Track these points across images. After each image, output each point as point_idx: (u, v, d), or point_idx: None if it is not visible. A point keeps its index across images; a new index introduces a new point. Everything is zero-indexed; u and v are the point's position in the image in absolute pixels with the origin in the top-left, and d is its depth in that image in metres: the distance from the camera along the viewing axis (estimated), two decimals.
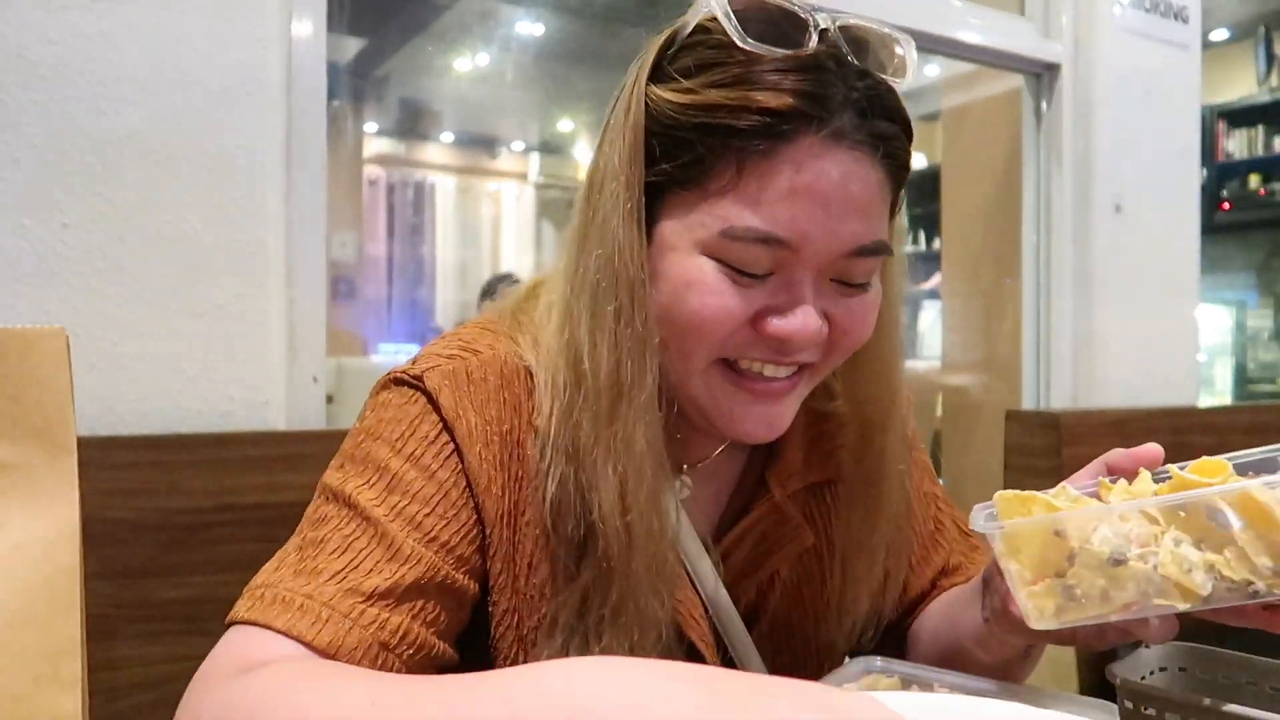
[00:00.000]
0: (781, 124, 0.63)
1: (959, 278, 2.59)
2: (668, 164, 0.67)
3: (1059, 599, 0.59)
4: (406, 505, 0.67)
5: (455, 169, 7.03)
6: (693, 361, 0.69)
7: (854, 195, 0.65)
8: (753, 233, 0.64)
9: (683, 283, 0.67)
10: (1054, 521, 0.59)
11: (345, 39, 4.60)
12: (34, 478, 0.48)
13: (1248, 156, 5.05)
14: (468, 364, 0.73)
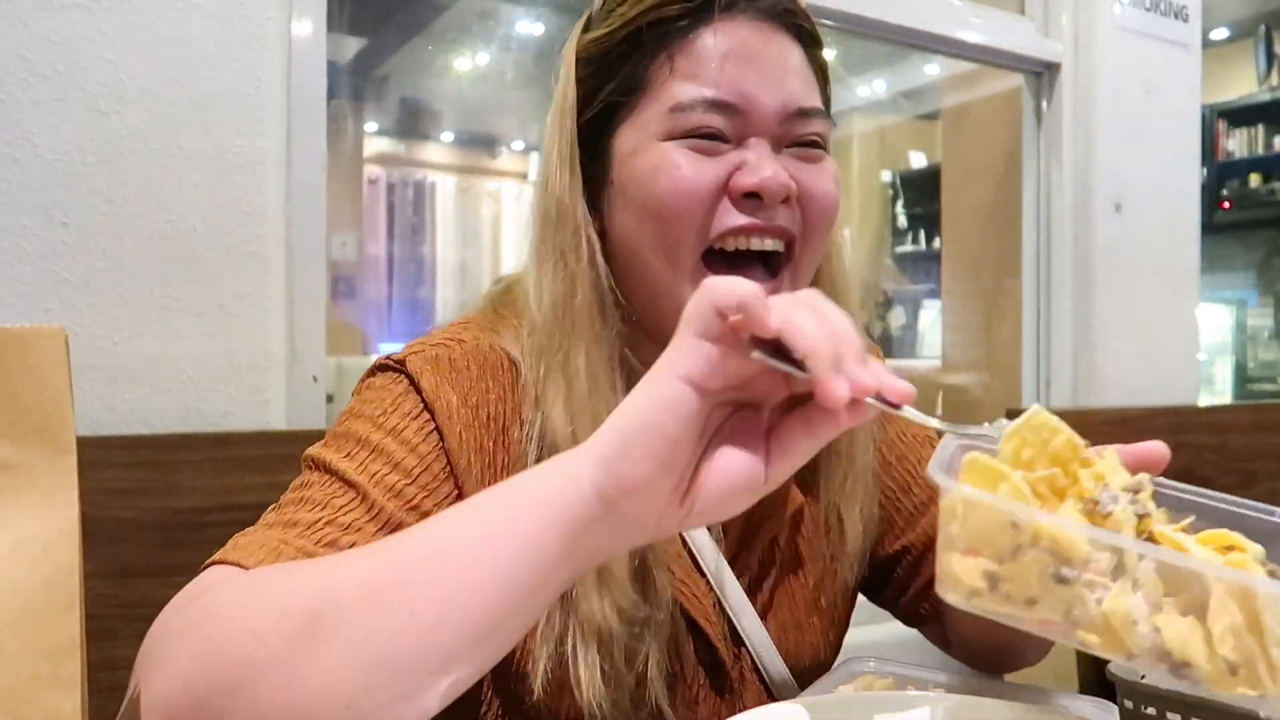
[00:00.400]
0: (694, 4, 0.72)
1: (959, 277, 2.59)
2: (609, 84, 0.75)
3: (981, 585, 0.54)
4: (387, 474, 0.67)
5: (455, 168, 7.03)
6: (680, 258, 0.72)
7: (777, 56, 0.73)
8: (697, 100, 0.71)
9: (649, 170, 0.72)
10: (1014, 514, 0.53)
11: (345, 39, 4.59)
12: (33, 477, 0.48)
13: (1248, 155, 5.05)
14: (450, 351, 0.75)
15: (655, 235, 0.72)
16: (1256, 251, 5.18)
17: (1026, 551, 0.52)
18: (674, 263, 0.72)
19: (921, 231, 5.29)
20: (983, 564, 0.54)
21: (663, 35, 0.73)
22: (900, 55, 3.86)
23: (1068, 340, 2.23)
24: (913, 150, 5.63)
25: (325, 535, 0.63)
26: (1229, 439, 2.10)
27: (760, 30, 0.73)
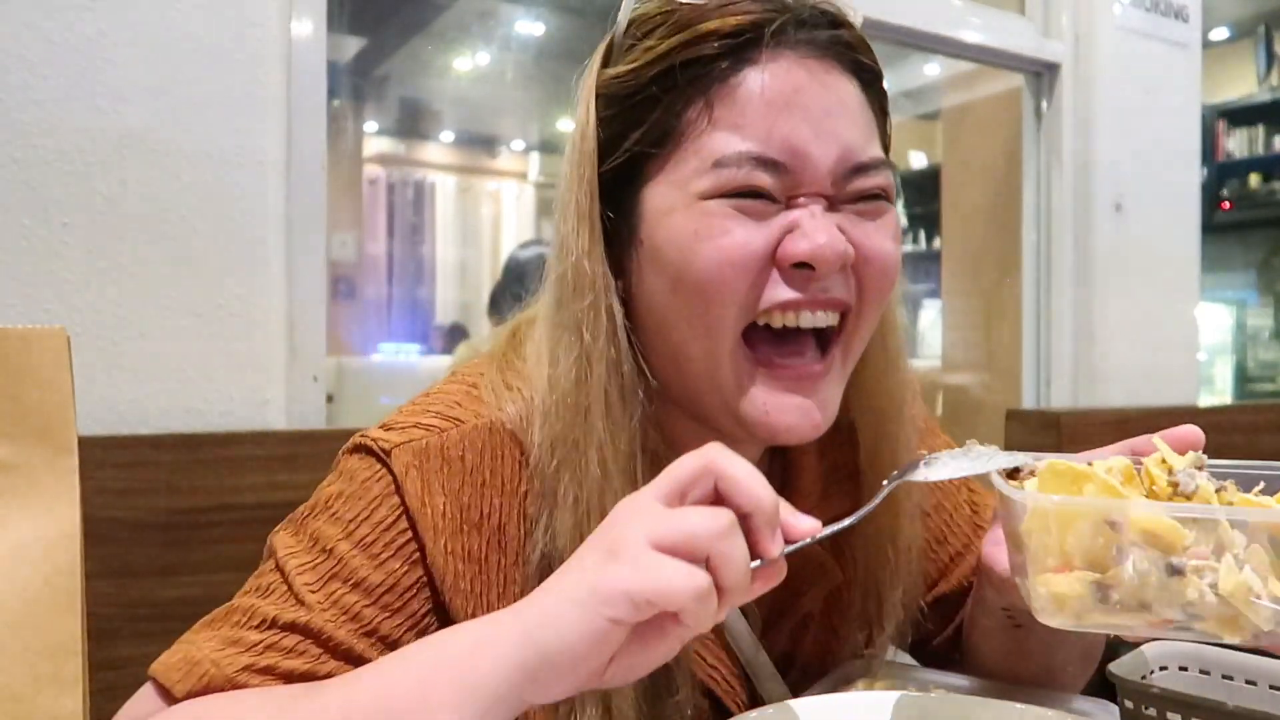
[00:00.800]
0: (738, 41, 0.62)
1: (959, 277, 2.59)
2: (635, 132, 0.65)
3: (1086, 598, 0.50)
4: (345, 594, 0.62)
5: (455, 168, 7.03)
6: (719, 335, 0.64)
7: (831, 101, 0.63)
8: (744, 156, 0.62)
9: (689, 234, 0.62)
10: (1112, 508, 0.50)
11: (345, 38, 4.59)
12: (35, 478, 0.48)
13: (1248, 155, 5.05)
14: (445, 439, 0.66)
15: (692, 307, 0.63)
16: (1256, 251, 5.18)
17: (1129, 551, 0.49)
18: (713, 339, 0.64)
19: (921, 231, 5.29)
20: (1083, 576, 0.50)
21: (700, 77, 0.62)
22: (900, 55, 3.86)
23: (1068, 340, 2.23)
24: (913, 150, 5.62)
25: (264, 660, 0.60)
26: (1229, 439, 2.10)
27: (812, 70, 0.63)
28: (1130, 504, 0.50)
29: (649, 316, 0.67)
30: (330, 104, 1.41)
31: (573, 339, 0.64)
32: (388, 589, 0.63)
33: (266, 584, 0.64)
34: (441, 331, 6.00)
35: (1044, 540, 0.51)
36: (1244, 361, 5.18)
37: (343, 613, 0.62)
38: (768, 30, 0.62)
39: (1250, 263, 5.21)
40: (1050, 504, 0.51)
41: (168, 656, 0.61)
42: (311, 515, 0.66)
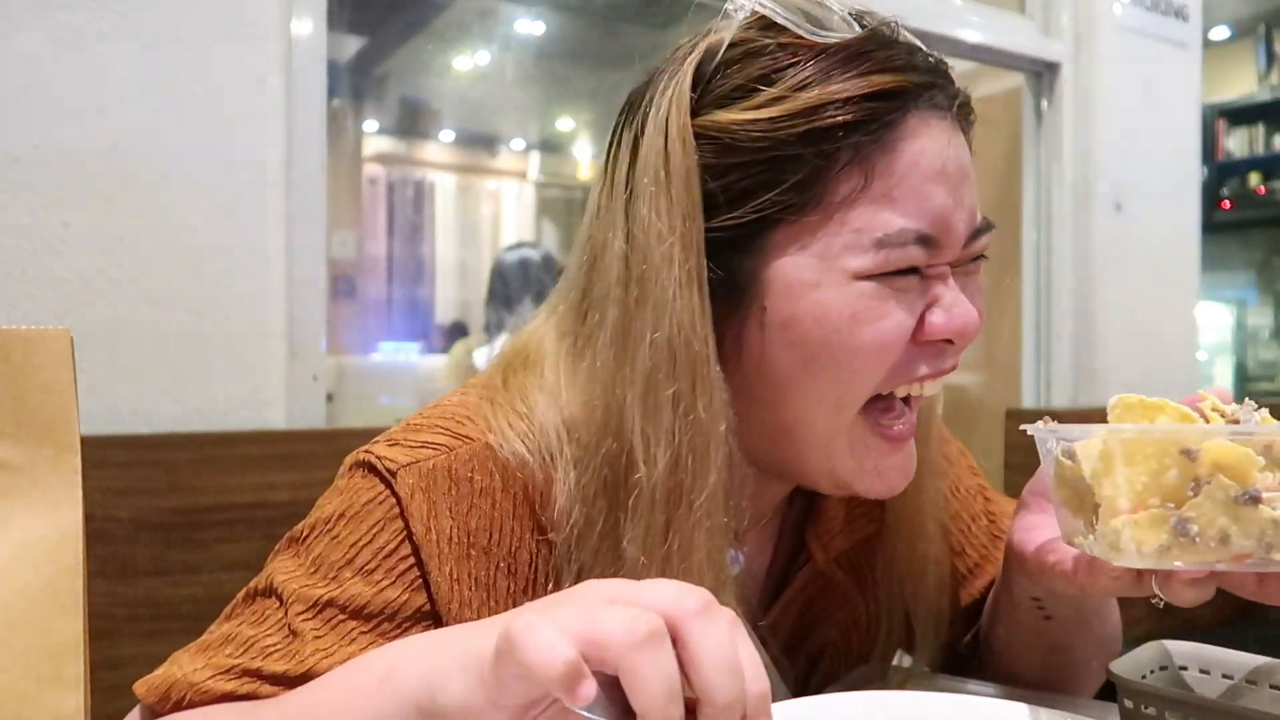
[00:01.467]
0: (893, 105, 0.58)
1: None
2: (768, 193, 0.58)
3: (1168, 535, 0.49)
4: (342, 620, 0.60)
5: (455, 168, 7.03)
6: (847, 409, 0.61)
7: (965, 167, 0.61)
8: (908, 234, 0.58)
9: (846, 317, 0.58)
10: (1186, 435, 0.49)
11: (345, 38, 4.59)
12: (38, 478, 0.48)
13: (1248, 155, 5.04)
14: (452, 459, 0.62)
15: (828, 384, 0.60)
16: (1256, 251, 5.18)
17: (1204, 483, 0.49)
18: (840, 413, 0.61)
19: None
20: (1163, 513, 0.50)
21: (851, 141, 0.57)
22: None
23: (1068, 339, 2.23)
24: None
25: (246, 685, 0.58)
26: None
27: (950, 135, 0.60)
28: (1206, 430, 0.50)
29: (758, 386, 0.63)
30: (330, 103, 1.41)
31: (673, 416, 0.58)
32: (386, 617, 0.61)
33: (262, 611, 0.62)
34: (441, 330, 6.01)
35: (1115, 481, 0.50)
36: (1244, 361, 5.19)
37: (339, 638, 0.60)
38: (917, 98, 0.59)
39: (1250, 262, 5.22)
40: (1127, 434, 0.50)
41: (151, 676, 0.61)
42: (313, 536, 0.63)
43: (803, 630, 0.74)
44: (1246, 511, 0.48)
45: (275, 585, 0.62)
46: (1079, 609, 0.73)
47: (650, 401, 0.58)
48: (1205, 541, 0.49)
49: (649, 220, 0.59)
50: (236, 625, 0.62)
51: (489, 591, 0.62)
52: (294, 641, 0.59)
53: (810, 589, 0.74)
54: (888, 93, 0.57)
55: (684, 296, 0.58)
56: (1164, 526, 0.50)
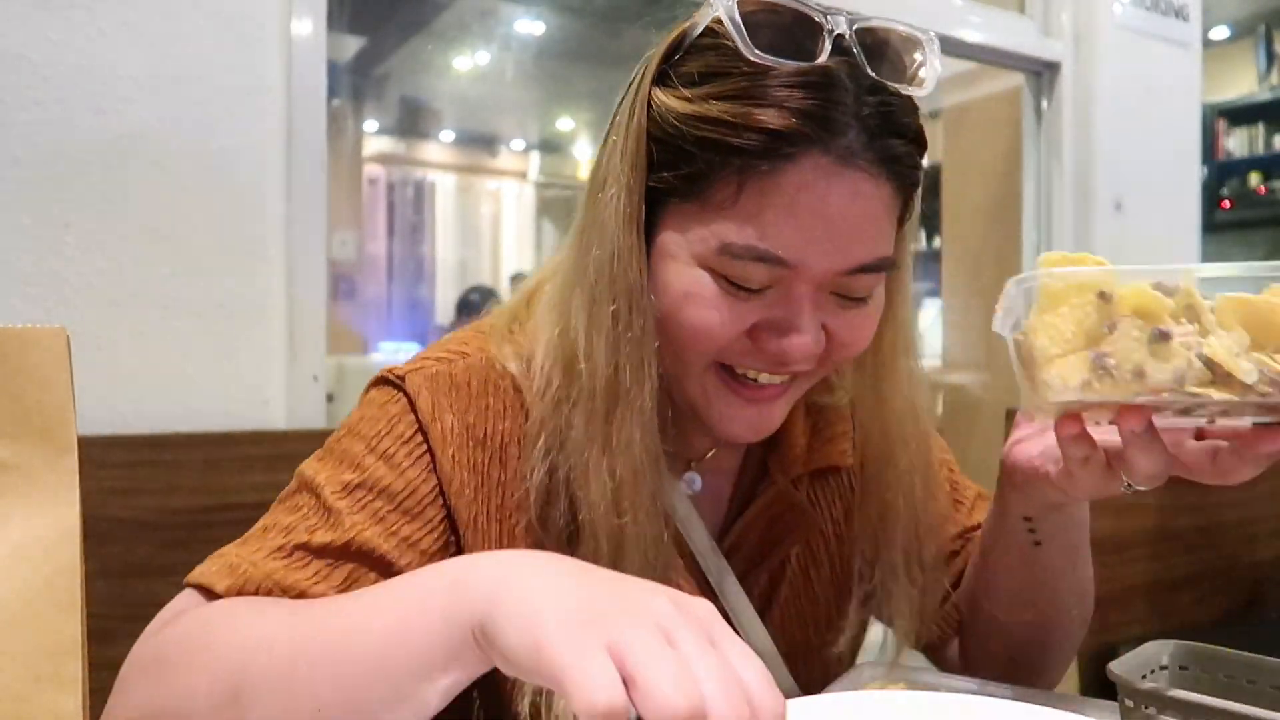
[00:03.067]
0: (785, 145, 0.61)
1: (959, 276, 2.59)
2: (668, 172, 0.66)
3: (1088, 371, 0.55)
4: (371, 500, 0.68)
5: (455, 167, 7.03)
6: (689, 368, 0.70)
7: (859, 216, 0.64)
8: (751, 251, 0.63)
9: (680, 293, 0.66)
10: (1101, 279, 0.54)
11: (345, 38, 4.60)
12: (35, 478, 0.48)
13: (1248, 155, 5.04)
14: (453, 368, 0.73)
15: (669, 342, 0.68)
16: (1256, 251, 5.17)
17: (1120, 323, 0.54)
18: (683, 365, 0.70)
19: (921, 230, 5.29)
20: (1081, 355, 0.55)
21: (735, 161, 0.62)
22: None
23: None
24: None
25: (297, 559, 0.65)
26: None
27: (849, 184, 0.63)
28: (1118, 272, 0.55)
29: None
30: (330, 103, 1.41)
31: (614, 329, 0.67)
32: (408, 494, 0.69)
33: (295, 503, 0.69)
34: (441, 331, 6.01)
35: (1047, 333, 0.55)
36: None
37: (369, 515, 0.67)
38: (818, 145, 0.61)
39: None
40: (1048, 278, 0.55)
41: (205, 566, 0.66)
42: (336, 441, 0.72)
43: (764, 548, 0.81)
44: (1159, 348, 0.53)
45: (306, 480, 0.70)
46: (1066, 537, 0.79)
47: (594, 314, 0.67)
48: (1122, 375, 0.54)
49: (610, 164, 0.68)
50: (274, 518, 0.68)
51: (483, 478, 0.71)
52: (331, 516, 0.66)
53: (772, 509, 0.81)
54: (782, 133, 0.61)
55: (624, 233, 0.66)
56: (1085, 363, 0.55)
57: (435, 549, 0.70)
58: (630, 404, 0.67)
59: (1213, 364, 0.53)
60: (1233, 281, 0.56)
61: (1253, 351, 0.53)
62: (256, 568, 0.64)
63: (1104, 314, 0.54)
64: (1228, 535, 2.05)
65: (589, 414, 0.68)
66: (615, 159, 0.68)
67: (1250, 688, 0.67)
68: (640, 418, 0.67)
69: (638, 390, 0.67)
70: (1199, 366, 0.53)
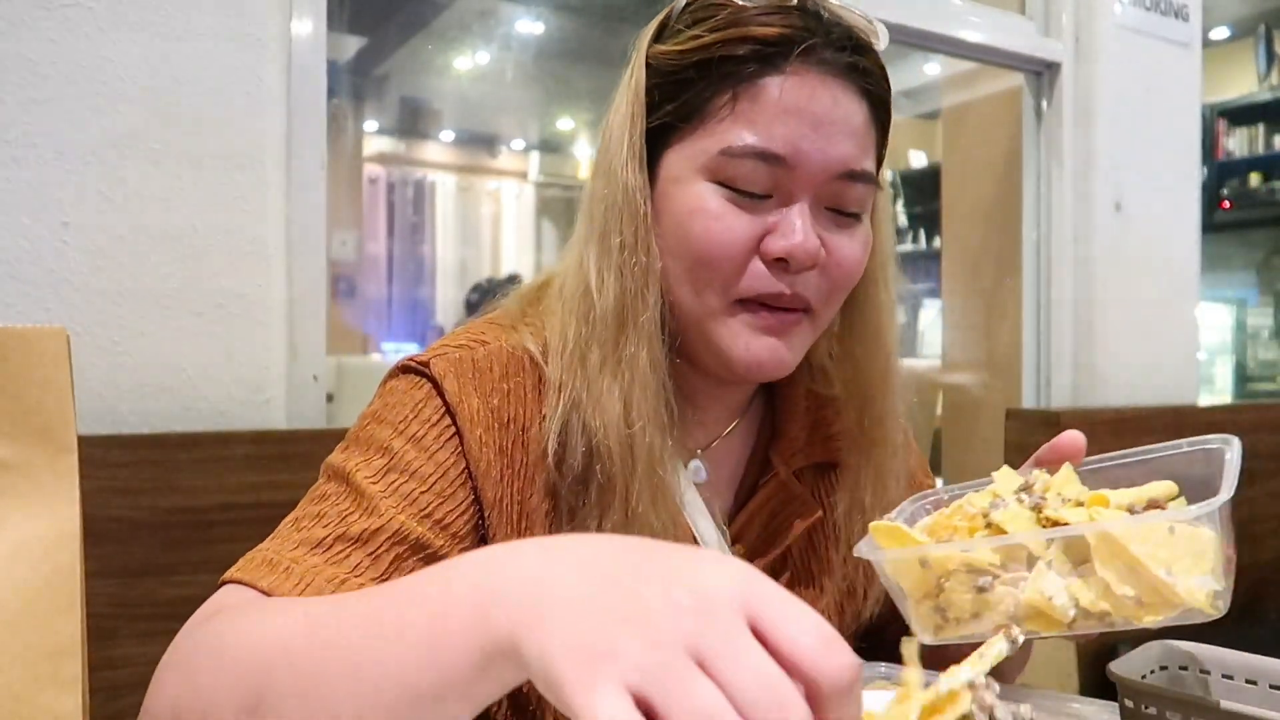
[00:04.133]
0: (770, 49, 0.70)
1: (959, 276, 2.59)
2: (669, 105, 0.73)
3: (937, 620, 0.63)
4: (404, 483, 0.69)
5: (455, 167, 7.03)
6: (709, 299, 0.73)
7: (840, 116, 0.71)
8: (749, 149, 0.70)
9: (686, 210, 0.71)
10: (917, 554, 0.62)
11: (345, 37, 4.59)
12: (35, 477, 0.48)
13: (1248, 155, 5.04)
14: (474, 353, 0.75)
15: (686, 271, 0.73)
16: (1256, 251, 5.17)
17: (946, 579, 0.61)
18: (703, 301, 0.73)
19: (921, 231, 5.29)
20: (929, 604, 0.63)
21: (731, 73, 0.71)
22: (900, 54, 3.86)
23: (1068, 339, 2.23)
24: (913, 149, 5.62)
25: (336, 552, 0.65)
26: None
27: (828, 86, 0.71)
28: (927, 548, 0.62)
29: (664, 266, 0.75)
30: (330, 103, 1.41)
31: (625, 257, 0.72)
32: (440, 476, 0.70)
33: (324, 491, 0.70)
34: (441, 331, 6.01)
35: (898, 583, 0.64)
36: (1244, 361, 5.18)
37: (403, 499, 0.68)
38: (797, 47, 0.70)
39: (1250, 262, 5.21)
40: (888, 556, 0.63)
41: (242, 563, 0.66)
42: (361, 429, 0.73)
43: (768, 538, 0.83)
44: (985, 598, 0.60)
45: (335, 469, 0.71)
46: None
47: (603, 245, 0.73)
48: (963, 621, 0.62)
49: (615, 118, 0.75)
50: (304, 509, 0.69)
51: (508, 460, 0.73)
52: (365, 501, 0.67)
53: (774, 499, 0.83)
54: (768, 40, 0.70)
55: (628, 171, 0.73)
56: (932, 614, 0.63)
57: (466, 530, 0.71)
58: (636, 323, 0.72)
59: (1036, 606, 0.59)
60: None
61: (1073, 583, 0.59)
62: (298, 563, 0.64)
63: (928, 574, 0.62)
64: None
65: (602, 341, 0.72)
66: (615, 117, 0.75)
67: (1250, 688, 0.67)
68: (644, 333, 0.72)
69: (643, 308, 0.72)
70: (1024, 606, 0.59)
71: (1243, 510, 1.90)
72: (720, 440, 0.84)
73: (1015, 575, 0.59)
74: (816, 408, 0.87)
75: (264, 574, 0.63)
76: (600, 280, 0.73)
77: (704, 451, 0.83)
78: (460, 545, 0.71)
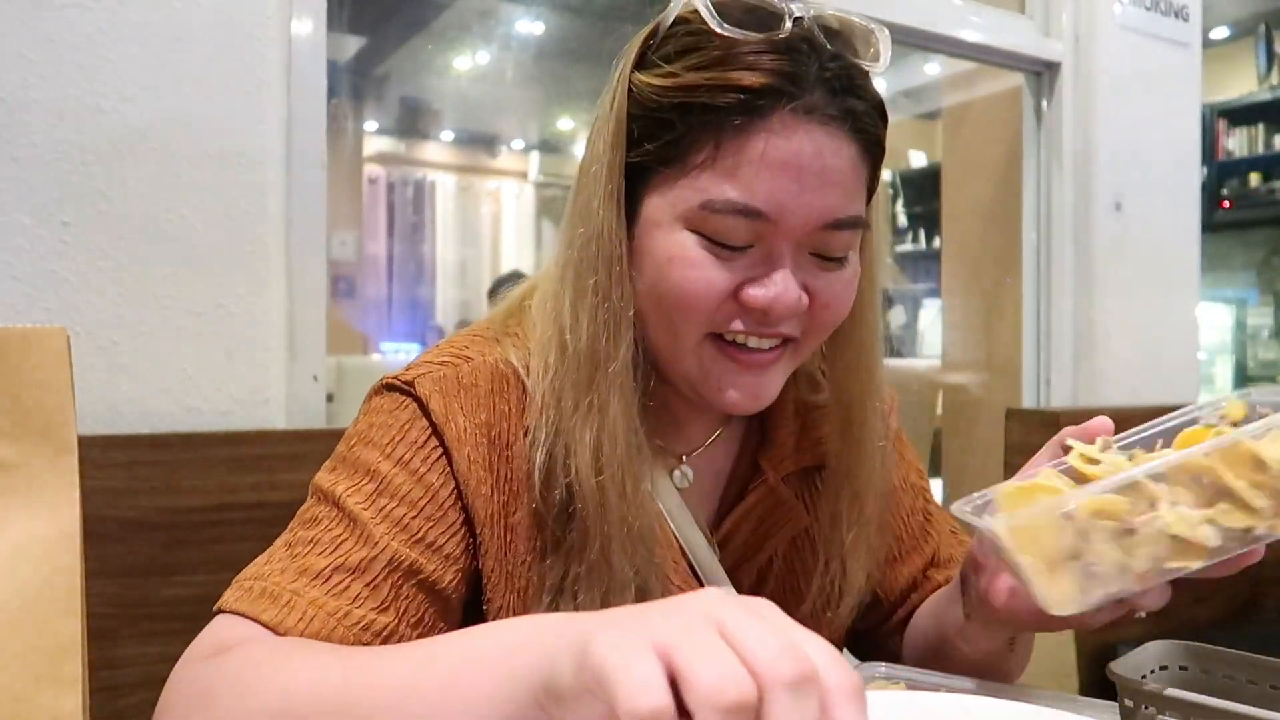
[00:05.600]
0: (756, 100, 0.66)
1: (959, 276, 2.59)
2: (650, 144, 0.70)
3: (1080, 580, 0.59)
4: (394, 508, 0.68)
5: (455, 167, 7.03)
6: (683, 339, 0.72)
7: (827, 168, 0.68)
8: (730, 204, 0.67)
9: (665, 258, 0.69)
10: (1060, 504, 0.59)
11: (345, 37, 4.60)
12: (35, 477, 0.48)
13: (1248, 155, 5.04)
14: (459, 370, 0.74)
15: (660, 314, 0.71)
16: (1256, 250, 5.18)
17: (1090, 532, 0.59)
18: (676, 337, 0.72)
19: (921, 230, 5.30)
20: (1071, 566, 0.60)
21: (712, 122, 0.67)
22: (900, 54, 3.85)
23: (1068, 339, 2.23)
24: (913, 149, 5.63)
25: (336, 583, 0.64)
26: None
27: (814, 136, 0.67)
28: (1071, 495, 0.60)
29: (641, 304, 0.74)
30: (330, 103, 1.41)
31: (599, 301, 0.71)
32: (429, 500, 0.70)
33: (315, 515, 0.69)
34: (441, 331, 6.01)
35: (1029, 553, 0.60)
36: (1244, 361, 5.18)
37: (395, 524, 0.68)
38: (784, 100, 0.67)
39: (1250, 262, 5.21)
40: (1016, 522, 0.60)
41: (237, 593, 0.64)
42: (348, 450, 0.72)
43: (754, 542, 0.82)
44: (1131, 542, 0.58)
45: (324, 492, 0.69)
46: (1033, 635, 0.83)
47: (578, 285, 0.72)
48: (1109, 575, 0.59)
49: (594, 148, 0.73)
50: (296, 534, 0.68)
51: (497, 477, 0.73)
52: (358, 528, 0.67)
53: (762, 505, 0.82)
54: (753, 90, 0.66)
55: (605, 208, 0.71)
56: (1072, 577, 0.60)
57: (459, 552, 0.70)
58: (606, 369, 0.71)
59: (1179, 538, 0.58)
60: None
61: (1207, 511, 0.58)
62: (300, 595, 0.63)
63: (1072, 530, 0.60)
64: None
65: (575, 383, 0.71)
66: (598, 143, 0.73)
67: (1250, 688, 0.67)
68: (615, 382, 0.71)
69: (613, 357, 0.71)
70: (1168, 542, 0.58)
71: None
72: (706, 446, 0.83)
73: (1151, 516, 0.59)
74: (804, 412, 0.86)
75: (265, 607, 0.62)
76: (575, 320, 0.71)
77: (689, 457, 0.82)
78: (454, 567, 0.70)
